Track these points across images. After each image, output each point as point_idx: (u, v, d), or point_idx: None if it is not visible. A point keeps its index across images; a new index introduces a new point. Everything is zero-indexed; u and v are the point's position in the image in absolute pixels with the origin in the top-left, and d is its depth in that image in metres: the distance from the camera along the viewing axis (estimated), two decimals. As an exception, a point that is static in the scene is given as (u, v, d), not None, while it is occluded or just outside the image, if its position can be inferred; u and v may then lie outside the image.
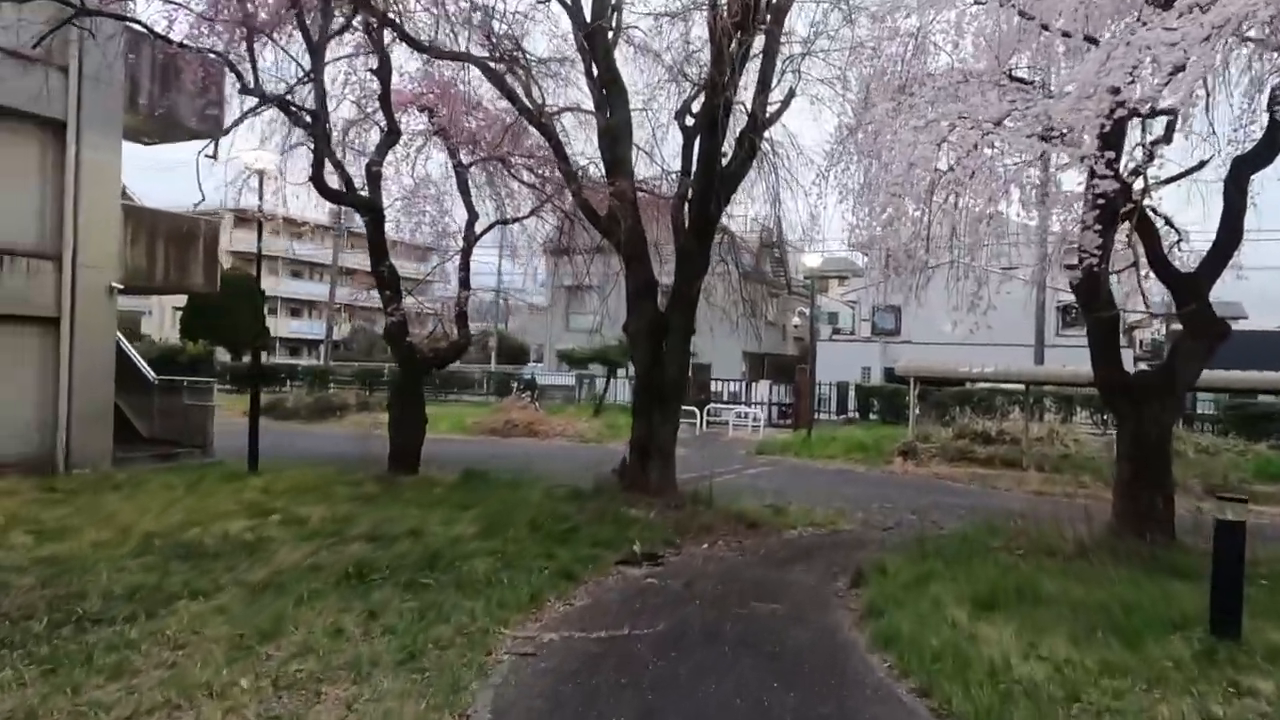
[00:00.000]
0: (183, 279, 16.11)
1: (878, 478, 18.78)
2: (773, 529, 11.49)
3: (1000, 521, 12.76)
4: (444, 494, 11.50)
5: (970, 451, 21.39)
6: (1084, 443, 22.27)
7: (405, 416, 13.20)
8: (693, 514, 11.02)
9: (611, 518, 10.00)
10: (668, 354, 11.41)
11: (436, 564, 7.38)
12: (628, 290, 11.78)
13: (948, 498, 15.89)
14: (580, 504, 10.89)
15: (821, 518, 12.80)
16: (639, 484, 11.31)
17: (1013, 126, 6.40)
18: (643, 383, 11.56)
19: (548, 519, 9.70)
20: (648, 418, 11.44)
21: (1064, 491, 16.75)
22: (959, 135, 6.31)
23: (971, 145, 6.25)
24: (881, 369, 35.81)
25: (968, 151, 6.28)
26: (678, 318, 11.45)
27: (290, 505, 10.04)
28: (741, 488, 16.08)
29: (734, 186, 11.15)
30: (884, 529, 12.32)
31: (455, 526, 9.03)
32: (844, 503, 14.67)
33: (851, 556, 9.80)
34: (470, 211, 15.52)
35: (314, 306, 71.24)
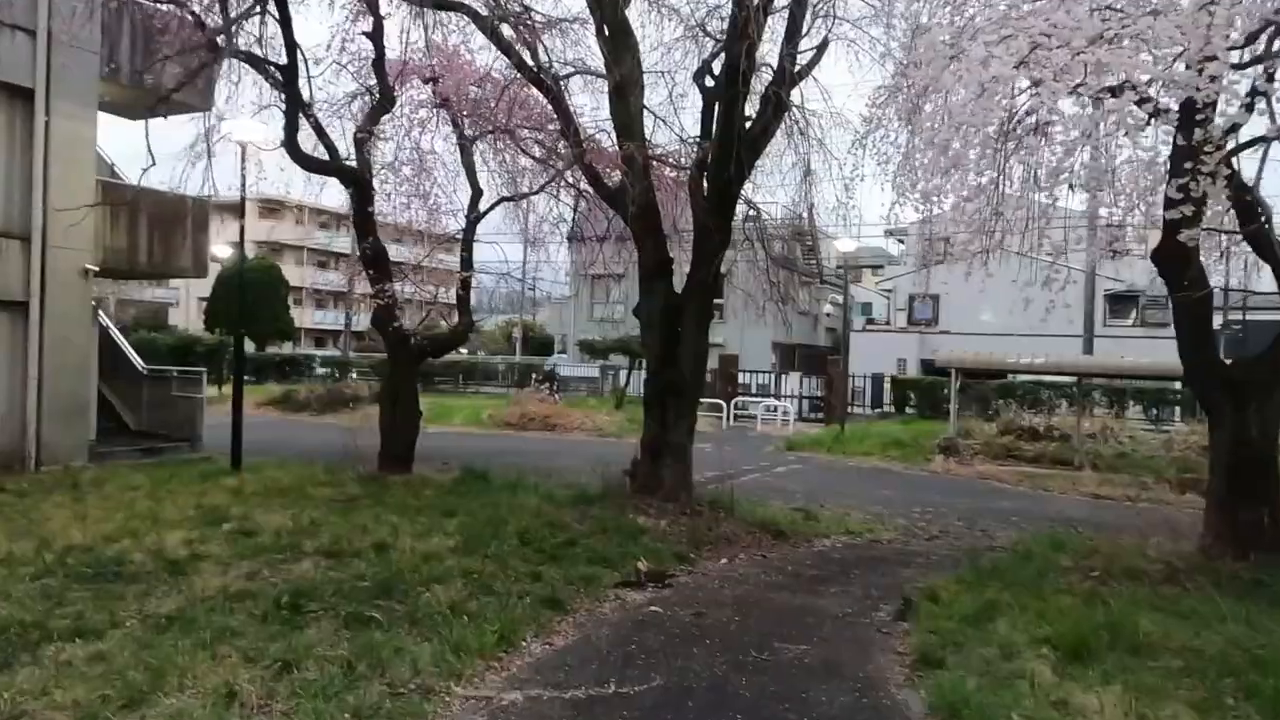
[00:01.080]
0: (168, 262, 15.04)
1: (917, 478, 17.33)
2: (802, 539, 10.15)
3: (1062, 532, 11.34)
4: (432, 498, 10.28)
5: (1016, 449, 19.85)
6: (1140, 439, 20.63)
7: (397, 411, 12.00)
8: (711, 522, 9.70)
9: (616, 527, 8.71)
10: (683, 342, 10.09)
11: (395, 589, 6.13)
12: (640, 270, 10.47)
13: (996, 501, 14.44)
14: (583, 510, 9.62)
15: (857, 524, 11.45)
16: (651, 487, 10.02)
17: (1109, 52, 5.00)
18: (655, 374, 10.26)
19: (542, 529, 8.43)
20: (660, 414, 10.13)
21: (1125, 495, 15.21)
22: (1042, 58, 4.92)
23: (1059, 68, 4.86)
24: (918, 360, 34.19)
25: (1055, 74, 4.88)
26: (694, 301, 10.12)
27: (253, 510, 8.86)
28: (768, 488, 14.75)
29: (759, 150, 9.79)
30: (928, 538, 10.94)
31: (432, 539, 7.78)
32: (881, 506, 13.29)
33: (894, 575, 8.44)
34: (474, 187, 14.31)
35: (339, 297, 70.66)
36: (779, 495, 13.99)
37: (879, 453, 20.08)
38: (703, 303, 10.12)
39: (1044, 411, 22.43)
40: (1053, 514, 13.39)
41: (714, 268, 9.70)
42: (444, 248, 14.62)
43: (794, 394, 29.04)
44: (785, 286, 12.41)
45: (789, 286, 12.80)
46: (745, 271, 13.83)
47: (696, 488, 13.49)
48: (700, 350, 10.27)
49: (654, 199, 10.07)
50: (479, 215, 14.35)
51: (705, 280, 9.85)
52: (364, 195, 11.08)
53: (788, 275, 13.45)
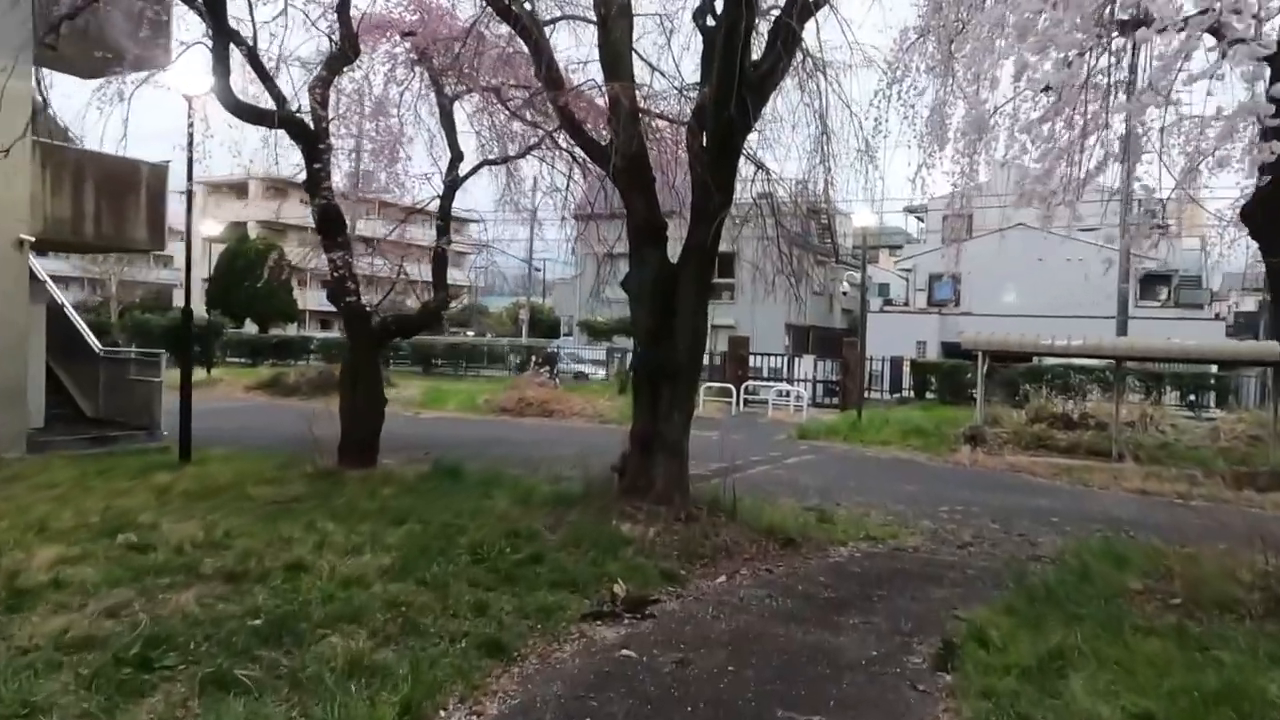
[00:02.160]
0: (120, 234, 13.72)
1: (942, 470, 15.87)
2: (815, 547, 8.73)
3: (1115, 538, 9.90)
4: (388, 499, 8.94)
5: (1048, 438, 18.35)
6: (1183, 429, 19.10)
7: (357, 399, 10.63)
8: (709, 528, 8.30)
9: (594, 538, 7.32)
10: (678, 317, 8.66)
11: (291, 631, 4.77)
12: (629, 235, 9.04)
13: (1032, 498, 12.98)
14: (559, 515, 8.25)
15: (878, 528, 10.03)
16: (640, 488, 8.62)
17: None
18: (645, 354, 8.84)
19: (502, 541, 7.05)
20: (652, 401, 8.72)
21: (1175, 492, 13.71)
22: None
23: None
24: (938, 343, 32.66)
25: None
26: (691, 269, 8.69)
27: (166, 517, 7.53)
28: (778, 482, 13.34)
29: (765, 93, 8.31)
30: (960, 545, 9.50)
31: (364, 556, 6.42)
32: (904, 504, 11.86)
33: (925, 597, 7.03)
34: (454, 150, 12.92)
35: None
36: (789, 491, 12.59)
37: (899, 442, 18.62)
38: (701, 271, 8.68)
39: (1077, 398, 20.89)
40: (1097, 514, 11.93)
41: (714, 230, 8.24)
42: (419, 220, 13.25)
43: (807, 378, 27.56)
44: (797, 259, 10.91)
45: (802, 260, 11.27)
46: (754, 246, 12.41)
47: (697, 483, 12.07)
48: (698, 326, 8.84)
49: (644, 150, 8.62)
50: (458, 180, 12.99)
51: (704, 245, 8.39)
52: (313, 150, 9.67)
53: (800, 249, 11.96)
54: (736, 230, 14.30)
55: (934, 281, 35.53)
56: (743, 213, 12.87)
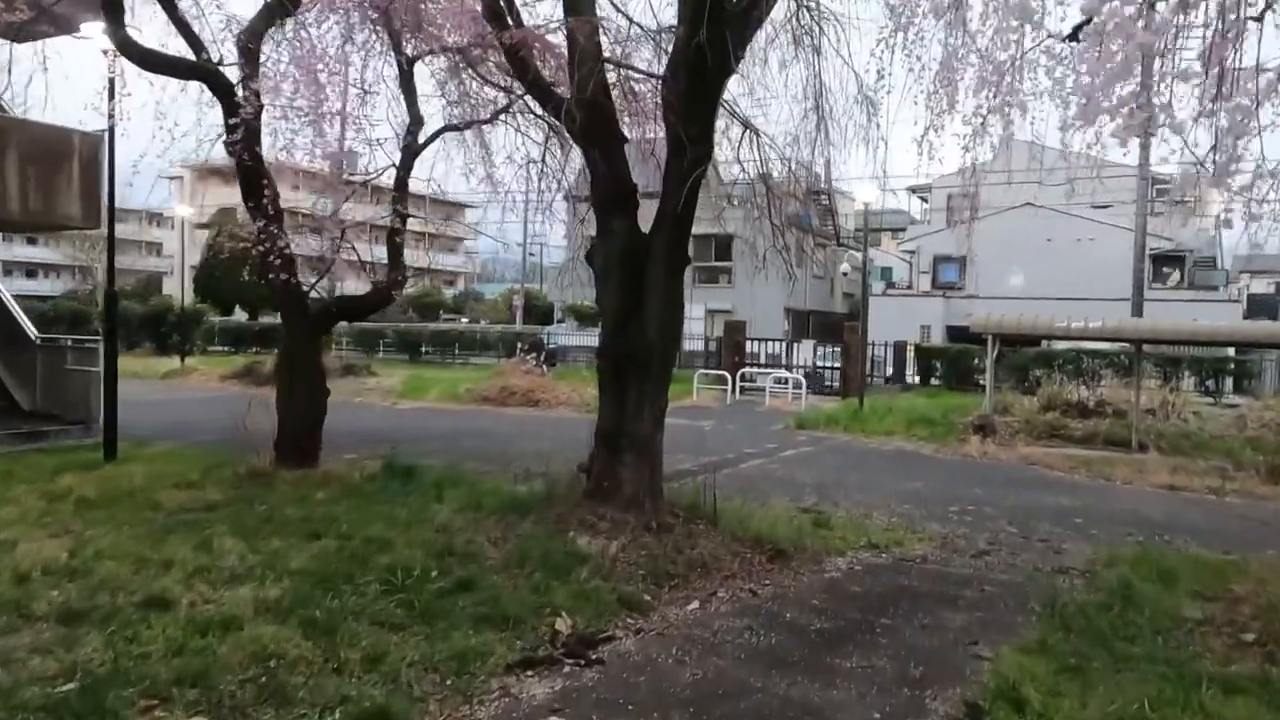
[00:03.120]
0: (49, 210, 12.48)
1: (950, 463, 14.68)
2: (808, 558, 7.55)
3: (1152, 544, 8.73)
4: (319, 505, 7.79)
5: (1062, 427, 17.16)
6: (1206, 416, 17.89)
7: (295, 391, 9.44)
8: (684, 539, 7.13)
9: (543, 556, 6.14)
10: (648, 295, 7.46)
11: (104, 703, 3.60)
12: (592, 201, 7.84)
13: (1050, 495, 11.80)
14: (509, 525, 7.09)
15: (881, 533, 8.86)
16: (605, 492, 7.45)
17: None
18: (611, 340, 7.64)
19: (431, 562, 5.89)
20: (618, 393, 7.53)
21: (1207, 487, 12.52)
22: None
23: None
24: (943, 327, 31.43)
25: None
26: (664, 242, 7.48)
27: (38, 530, 6.36)
28: (771, 479, 12.17)
29: (748, 31, 7.07)
30: (975, 554, 8.32)
31: (248, 585, 5.24)
32: (910, 503, 10.70)
33: (939, 626, 5.86)
34: (413, 115, 11.70)
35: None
36: (784, 489, 11.43)
37: (903, 432, 17.42)
38: (675, 241, 7.47)
39: (1091, 383, 19.68)
40: (1123, 513, 10.76)
41: (688, 191, 7.01)
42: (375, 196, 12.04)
43: (807, 364, 26.35)
44: (790, 233, 9.73)
45: (795, 234, 10.09)
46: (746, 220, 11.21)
47: (683, 479, 10.97)
48: (672, 306, 7.64)
49: (607, 101, 7.38)
50: (418, 147, 11.77)
51: (677, 210, 7.17)
52: (231, 105, 8.45)
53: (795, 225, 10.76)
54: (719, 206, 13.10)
55: (938, 264, 34.26)
56: (739, 193, 11.66)
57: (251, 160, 8.69)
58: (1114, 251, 29.90)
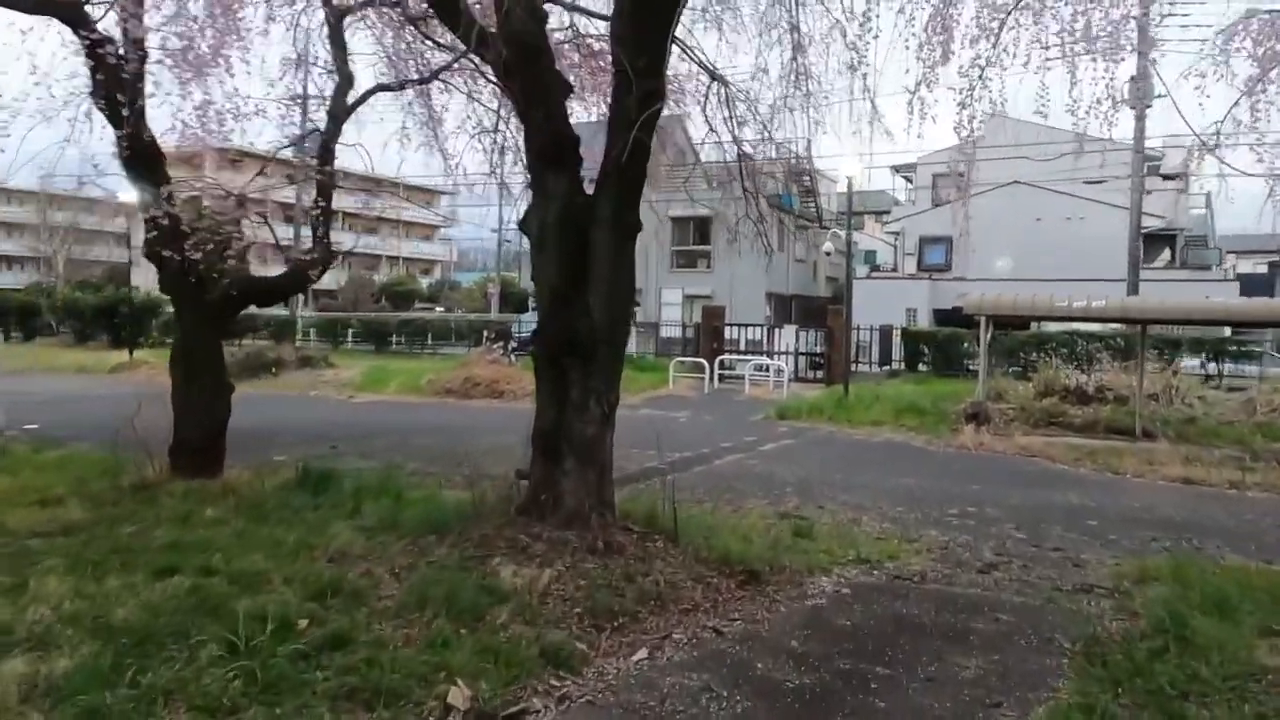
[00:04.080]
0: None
1: (943, 456, 13.51)
2: (787, 580, 6.33)
3: (1179, 549, 7.60)
4: (200, 526, 6.51)
5: (1061, 414, 16.06)
6: (1212, 401, 16.82)
7: (192, 390, 8.08)
8: (637, 561, 5.89)
9: (451, 593, 4.87)
10: (593, 272, 6.20)
11: None
12: (527, 156, 6.56)
13: (1056, 492, 10.65)
14: (421, 549, 5.82)
15: (872, 543, 7.67)
16: (543, 505, 6.19)
17: None
18: (550, 325, 6.36)
19: (309, 604, 4.62)
20: (557, 387, 6.27)
21: (1226, 480, 11.40)
22: None
23: None
24: (929, 310, 30.31)
25: None
26: (609, 202, 6.21)
27: None
28: (748, 477, 10.96)
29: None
30: (982, 568, 7.12)
31: (24, 655, 3.93)
32: (903, 504, 9.52)
33: (948, 678, 4.64)
34: (342, 74, 10.37)
35: (313, 255, 66.26)
36: (761, 488, 10.23)
37: (891, 421, 16.25)
38: (624, 199, 6.20)
39: (1088, 367, 18.58)
40: (1140, 512, 9.62)
41: (636, 137, 5.72)
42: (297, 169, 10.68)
43: (789, 350, 25.15)
44: (763, 197, 8.50)
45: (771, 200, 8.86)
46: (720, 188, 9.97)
47: (651, 478, 9.78)
48: (623, 280, 6.37)
49: (539, 31, 6.07)
50: (348, 109, 10.45)
51: (625, 160, 5.88)
52: (97, 54, 7.07)
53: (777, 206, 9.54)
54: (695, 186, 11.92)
55: (924, 245, 33.09)
56: (709, 155, 10.47)
57: (132, 116, 7.32)
58: (1105, 230, 28.81)
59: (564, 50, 10.41)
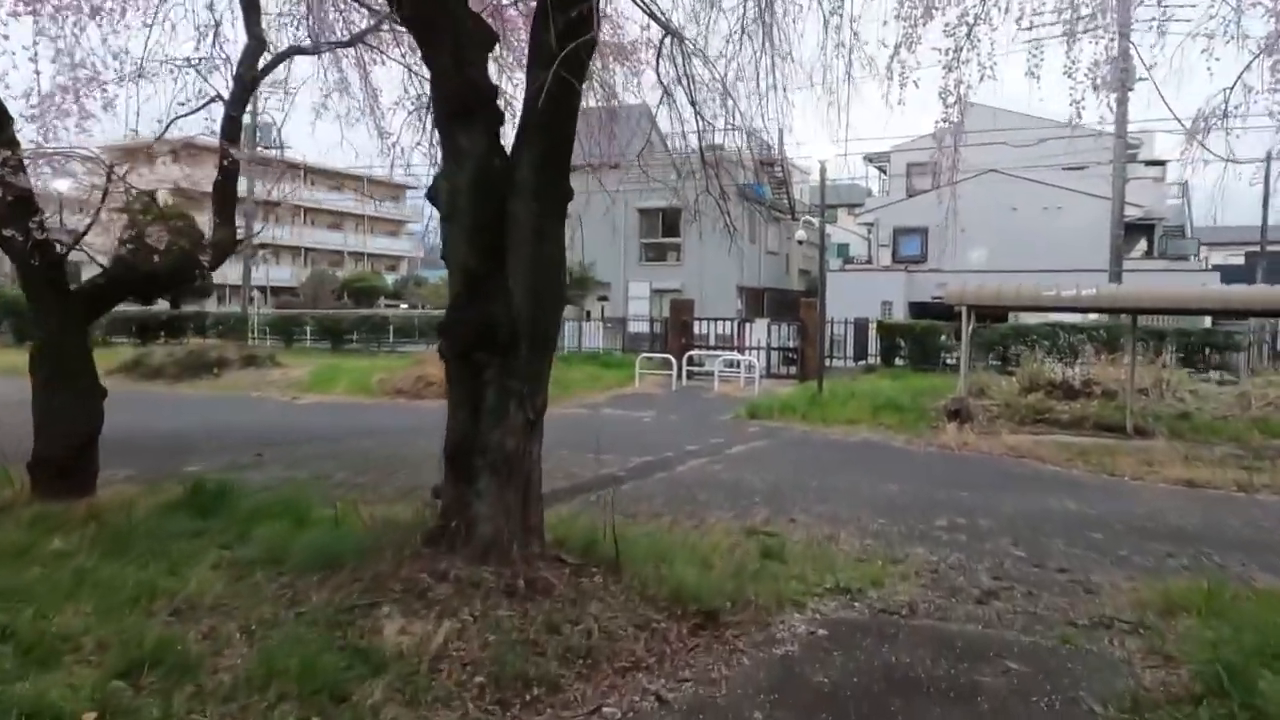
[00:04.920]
0: None
1: (926, 458, 12.51)
2: (752, 619, 5.26)
3: (1205, 568, 6.62)
4: (35, 561, 5.32)
5: (1047, 411, 15.15)
6: (1205, 395, 15.98)
7: (55, 394, 6.85)
8: (567, 605, 4.79)
9: (305, 666, 3.72)
10: (513, 249, 5.07)
11: None
12: (434, 109, 5.43)
13: (1053, 498, 9.67)
14: (297, 595, 4.69)
15: (851, 567, 6.61)
16: (454, 534, 5.06)
17: None
18: (461, 315, 5.22)
19: (115, 681, 3.47)
20: (473, 392, 5.14)
21: (1233, 481, 10.48)
22: None
23: None
24: (905, 303, 29.44)
25: None
26: (533, 162, 5.08)
27: None
28: (713, 485, 9.88)
29: None
30: (980, 598, 6.07)
31: None
32: (885, 515, 8.49)
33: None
34: (252, 35, 9.15)
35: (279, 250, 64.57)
36: (728, 497, 9.16)
37: (869, 420, 15.25)
38: (548, 159, 5.07)
39: (1070, 361, 17.73)
40: (1147, 520, 8.66)
41: (554, 77, 4.59)
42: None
43: (761, 345, 24.13)
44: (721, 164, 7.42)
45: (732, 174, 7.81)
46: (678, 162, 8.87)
47: (602, 487, 8.69)
48: (548, 260, 5.24)
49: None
50: (258, 75, 9.25)
51: (544, 114, 4.75)
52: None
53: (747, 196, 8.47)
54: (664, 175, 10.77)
55: (899, 236, 32.19)
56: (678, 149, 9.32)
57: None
58: (1083, 220, 28.07)
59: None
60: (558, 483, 9.78)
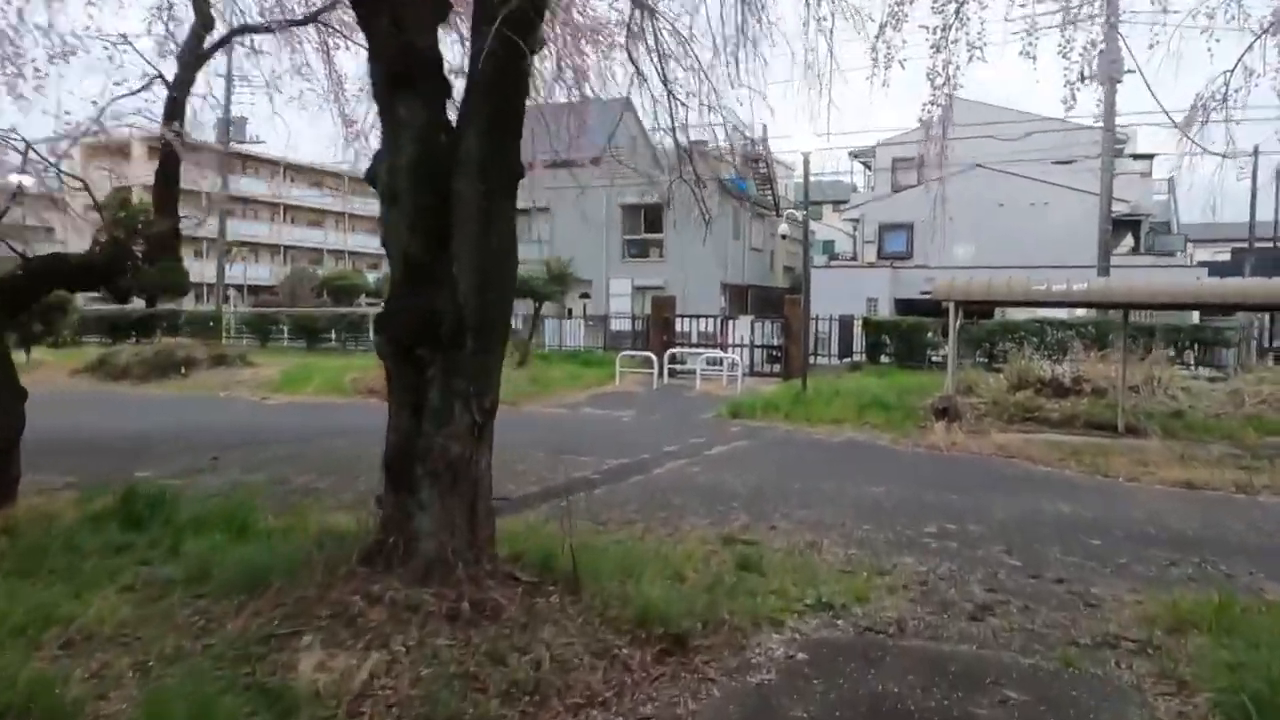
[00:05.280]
0: None
1: (913, 459, 12.07)
2: (725, 642, 4.78)
3: (1208, 574, 6.21)
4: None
5: (1037, 409, 14.75)
6: (1196, 392, 15.61)
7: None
8: (516, 630, 4.29)
9: (195, 713, 3.20)
10: (459, 232, 4.56)
11: None
12: (371, 76, 4.91)
13: (1046, 500, 9.23)
14: (211, 622, 4.17)
15: (834, 580, 6.13)
16: (393, 551, 4.54)
17: None
18: (400, 307, 4.70)
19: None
20: (412, 388, 4.63)
21: (1232, 483, 10.08)
22: None
23: None
24: (891, 300, 29.05)
25: None
26: (480, 135, 4.57)
27: None
28: (690, 489, 9.38)
29: None
30: (974, 613, 5.60)
31: None
32: (871, 521, 8.04)
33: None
34: (200, 13, 8.63)
35: (258, 248, 63.76)
36: (705, 502, 8.67)
37: (854, 419, 14.81)
38: (496, 131, 4.57)
39: (1059, 357, 17.35)
40: (1145, 524, 8.24)
41: (509, 22, 4.07)
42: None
43: (744, 342, 23.66)
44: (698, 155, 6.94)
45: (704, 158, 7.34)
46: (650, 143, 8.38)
47: (573, 492, 8.18)
48: (498, 247, 4.73)
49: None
50: (204, 53, 8.72)
51: (489, 79, 4.24)
52: None
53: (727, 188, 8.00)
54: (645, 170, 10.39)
55: (884, 232, 31.79)
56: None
57: None
58: (1070, 216, 27.78)
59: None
60: (528, 487, 9.30)
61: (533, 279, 20.69)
